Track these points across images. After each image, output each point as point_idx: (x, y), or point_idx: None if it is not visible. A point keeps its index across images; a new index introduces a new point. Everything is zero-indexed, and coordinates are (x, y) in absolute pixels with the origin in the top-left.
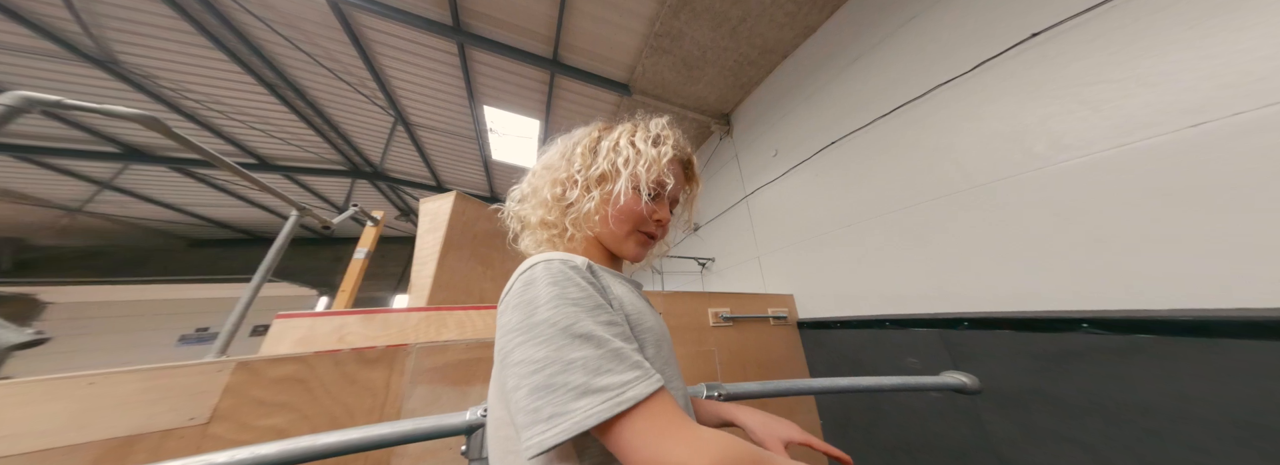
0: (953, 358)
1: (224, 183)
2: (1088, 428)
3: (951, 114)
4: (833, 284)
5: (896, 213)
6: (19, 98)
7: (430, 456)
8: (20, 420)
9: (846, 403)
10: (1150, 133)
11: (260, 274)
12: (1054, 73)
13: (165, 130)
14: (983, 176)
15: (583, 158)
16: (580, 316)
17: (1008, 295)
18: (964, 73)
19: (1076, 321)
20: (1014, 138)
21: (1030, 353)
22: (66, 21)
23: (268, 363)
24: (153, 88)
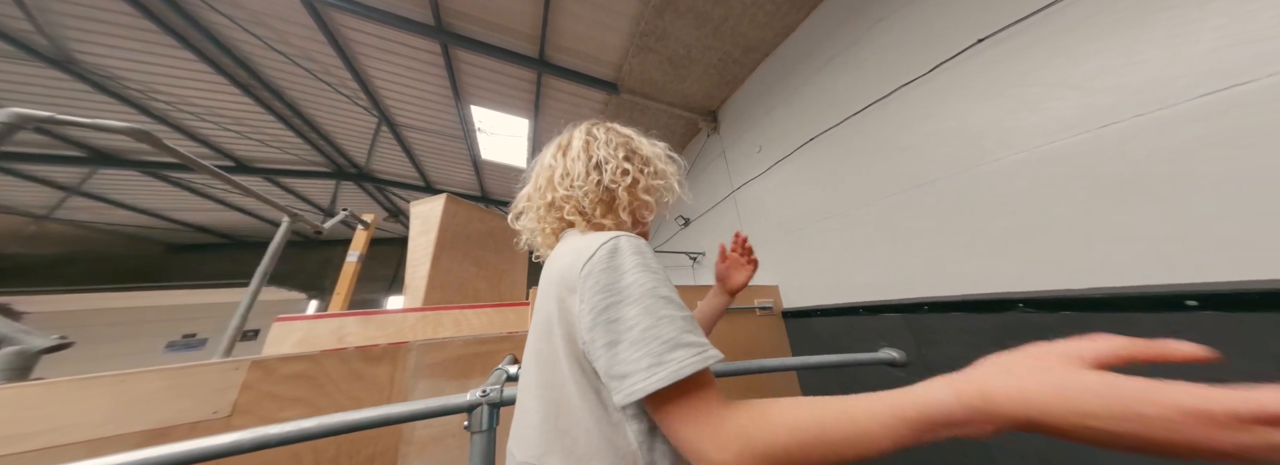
0: (916, 340)
1: (201, 186)
2: None
3: (913, 113)
4: (815, 274)
5: (869, 206)
6: (13, 115)
7: (434, 444)
8: (66, 414)
9: (828, 387)
10: (1074, 131)
11: (257, 279)
12: (999, 75)
13: (157, 143)
14: (940, 171)
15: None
16: (661, 282)
17: (961, 280)
18: (923, 74)
19: (1014, 302)
20: (967, 135)
21: (979, 332)
22: (16, 18)
23: (279, 361)
24: (117, 89)
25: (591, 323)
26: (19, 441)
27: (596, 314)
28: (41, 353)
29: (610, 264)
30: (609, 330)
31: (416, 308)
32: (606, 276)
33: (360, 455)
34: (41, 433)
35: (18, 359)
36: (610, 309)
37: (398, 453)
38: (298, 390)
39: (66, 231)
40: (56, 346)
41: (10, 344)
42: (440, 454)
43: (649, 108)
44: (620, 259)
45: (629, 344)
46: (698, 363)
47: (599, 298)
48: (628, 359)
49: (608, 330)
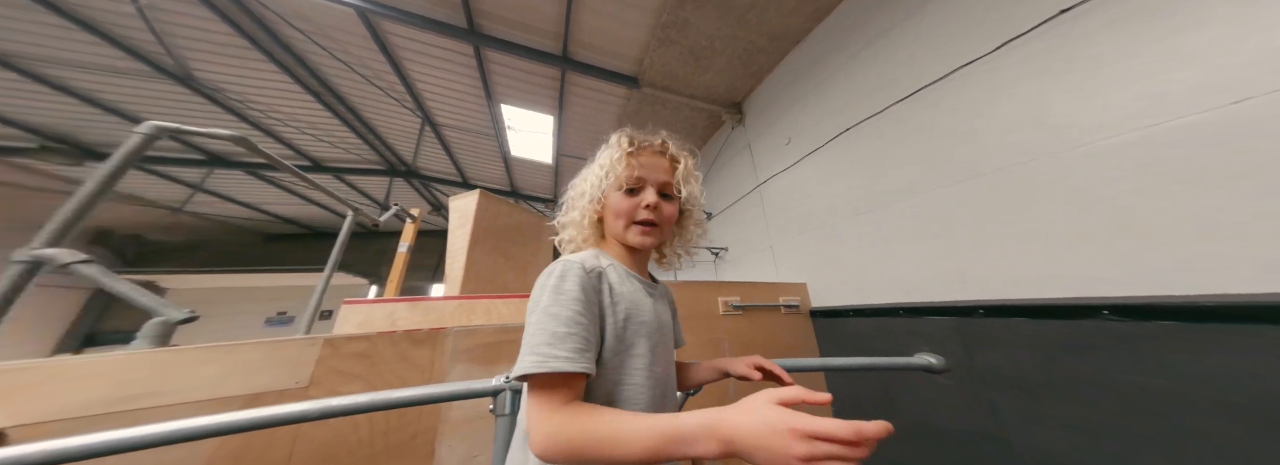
0: (966, 346)
1: (287, 184)
2: (1108, 416)
3: (973, 97)
4: (847, 272)
5: (913, 199)
6: (153, 127)
7: (466, 425)
8: (191, 376)
9: (857, 390)
10: (1185, 111)
11: (331, 264)
12: (1083, 50)
13: (251, 147)
14: (1004, 160)
15: (579, 186)
16: (558, 302)
17: (1025, 282)
18: (986, 54)
19: (1097, 308)
20: (1038, 120)
21: (1049, 340)
22: (150, 42)
23: (344, 340)
24: (223, 100)
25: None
26: (158, 397)
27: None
28: (178, 323)
29: (539, 282)
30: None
31: (454, 296)
32: (533, 293)
33: (406, 430)
34: (175, 391)
35: (161, 328)
36: (528, 314)
37: (436, 431)
38: (357, 367)
39: (194, 222)
40: (188, 319)
41: (155, 315)
42: (471, 434)
43: (670, 101)
44: (543, 280)
45: (523, 343)
46: (533, 367)
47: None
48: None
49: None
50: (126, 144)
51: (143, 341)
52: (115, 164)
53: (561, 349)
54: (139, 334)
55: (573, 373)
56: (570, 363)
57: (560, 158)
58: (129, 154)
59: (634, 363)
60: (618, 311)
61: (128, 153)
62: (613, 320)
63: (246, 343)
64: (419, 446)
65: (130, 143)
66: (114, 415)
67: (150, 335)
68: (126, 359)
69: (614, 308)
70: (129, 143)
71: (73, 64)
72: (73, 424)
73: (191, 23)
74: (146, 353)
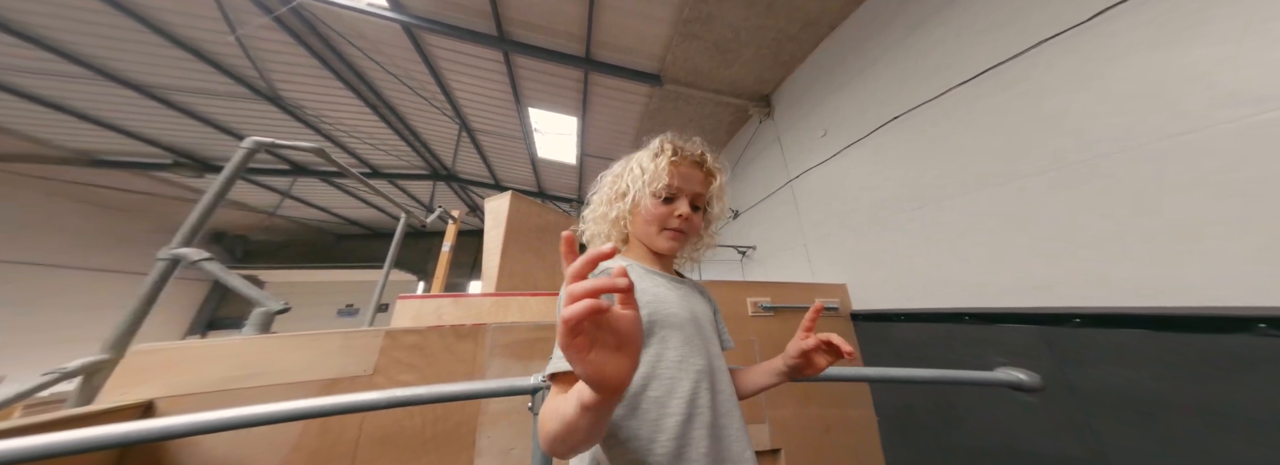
0: (1057, 359)
1: (351, 189)
2: (1257, 449)
3: (1060, 75)
4: (896, 272)
5: (985, 191)
6: (254, 142)
7: (504, 418)
8: (286, 360)
9: (910, 400)
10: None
11: (389, 263)
12: (1214, 9)
13: (326, 157)
14: (1107, 146)
15: (612, 184)
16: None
17: (1139, 288)
18: (1078, 24)
19: (1249, 321)
20: (1153, 96)
21: (1176, 357)
22: (247, 68)
23: (402, 332)
24: (303, 116)
25: None
26: (263, 377)
27: None
28: (276, 313)
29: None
30: None
31: (491, 293)
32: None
33: (451, 420)
34: (273, 372)
35: (264, 317)
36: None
37: (477, 422)
38: (412, 357)
39: (284, 224)
40: (283, 309)
41: (260, 306)
42: (508, 427)
43: (693, 97)
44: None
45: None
46: (550, 367)
47: None
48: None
49: None
50: (235, 157)
51: (250, 329)
52: (227, 174)
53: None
54: (247, 322)
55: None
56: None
57: (583, 158)
58: (237, 166)
59: (668, 355)
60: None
61: (236, 165)
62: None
63: (326, 333)
64: (462, 435)
65: (237, 156)
66: (231, 391)
67: (256, 323)
68: (241, 343)
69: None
70: (237, 156)
71: (192, 90)
72: (204, 398)
73: (275, 48)
74: (254, 339)
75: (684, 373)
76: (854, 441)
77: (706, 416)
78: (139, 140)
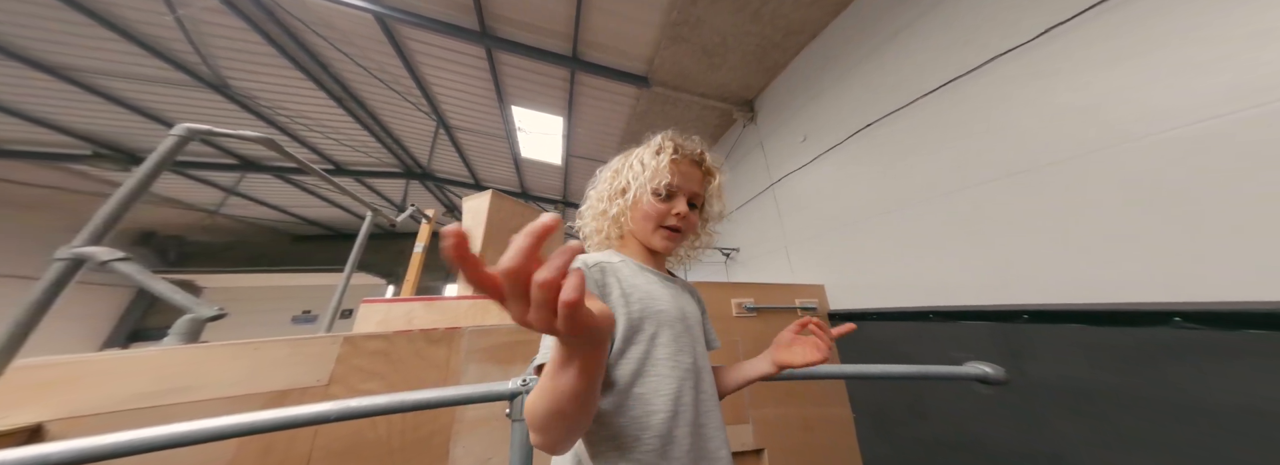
0: (1009, 353)
1: (311, 186)
2: (1177, 433)
3: (1013, 88)
4: (869, 273)
5: (945, 197)
6: (185, 129)
7: (482, 425)
8: (221, 372)
9: (883, 397)
10: (1266, 98)
11: (351, 264)
12: (1144, 32)
13: (278, 149)
14: (1050, 155)
15: (611, 180)
16: None
17: (1078, 285)
18: (1028, 41)
19: (1167, 315)
20: (1090, 110)
21: (1111, 349)
22: (189, 53)
23: (364, 338)
24: (255, 107)
25: None
26: (191, 392)
27: None
28: (207, 320)
29: None
30: None
31: (469, 295)
32: None
33: (423, 429)
34: (204, 386)
35: (191, 325)
36: None
37: (452, 431)
38: (376, 365)
39: (230, 224)
40: (216, 316)
41: (187, 312)
42: (486, 434)
43: (680, 100)
44: None
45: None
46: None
47: None
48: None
49: None
50: (161, 147)
51: (175, 338)
52: (151, 166)
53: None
54: (171, 330)
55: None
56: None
57: (570, 159)
58: (164, 156)
59: (657, 352)
60: (631, 302)
61: (162, 155)
62: (626, 312)
63: (272, 340)
64: (435, 446)
65: (166, 145)
66: (149, 410)
67: (182, 332)
68: (161, 355)
69: (627, 299)
70: (164, 145)
71: (120, 75)
72: (110, 418)
73: (225, 33)
74: (177, 349)
75: (672, 370)
76: (833, 439)
77: (690, 415)
78: (49, 128)
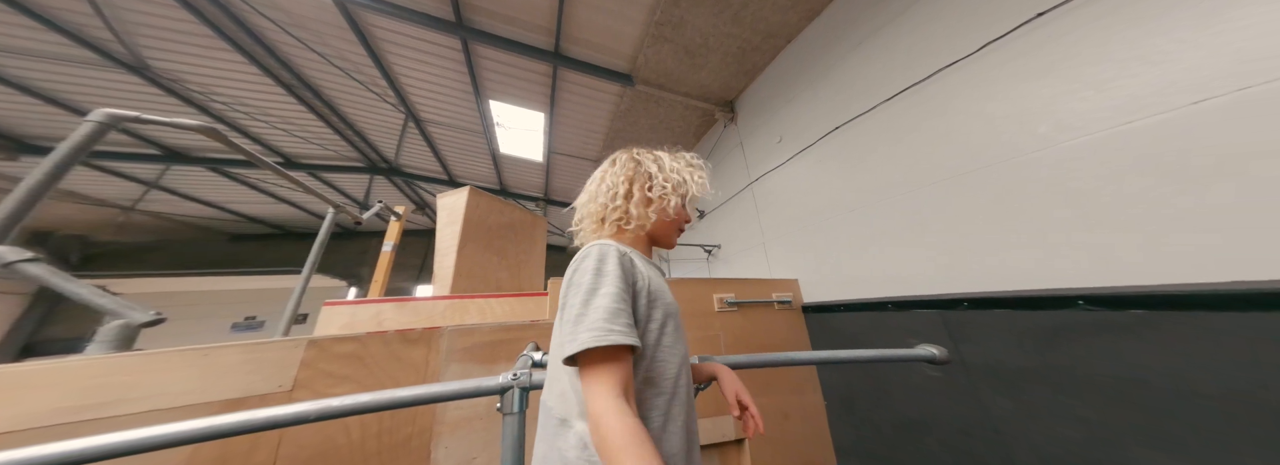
0: (952, 338)
1: (256, 181)
2: (1086, 403)
3: (955, 97)
4: (836, 268)
5: (900, 197)
6: (107, 115)
7: (465, 425)
8: (164, 382)
9: (851, 383)
10: (1150, 111)
11: (308, 267)
12: (1059, 53)
13: (224, 139)
14: (985, 159)
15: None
16: (604, 281)
17: (1006, 275)
18: (968, 55)
19: (1072, 299)
20: (1019, 119)
21: (1028, 331)
22: (99, 28)
23: (332, 341)
24: (183, 92)
25: (561, 305)
26: (122, 405)
27: (563, 299)
28: (142, 326)
29: (579, 265)
30: (564, 312)
31: (445, 295)
32: (575, 275)
33: (401, 433)
34: (140, 398)
35: (123, 331)
36: (567, 296)
37: (433, 433)
38: (347, 368)
39: (150, 222)
40: (154, 321)
41: (116, 318)
42: (469, 434)
43: (664, 99)
44: (586, 262)
45: (567, 322)
46: (594, 340)
47: (566, 288)
48: (564, 332)
49: (563, 311)
50: (75, 134)
51: (100, 346)
52: (62, 156)
53: (617, 324)
54: (95, 338)
55: (625, 346)
56: (624, 336)
57: (551, 156)
58: (78, 145)
59: (665, 340)
60: (649, 292)
61: (77, 144)
62: (644, 300)
63: (222, 345)
64: (414, 449)
65: (80, 133)
66: (77, 426)
67: (110, 339)
68: (81, 365)
69: (643, 289)
70: (78, 133)
71: (7, 50)
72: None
73: (146, 8)
74: (109, 358)
75: (674, 356)
76: (807, 427)
77: (684, 395)
78: None
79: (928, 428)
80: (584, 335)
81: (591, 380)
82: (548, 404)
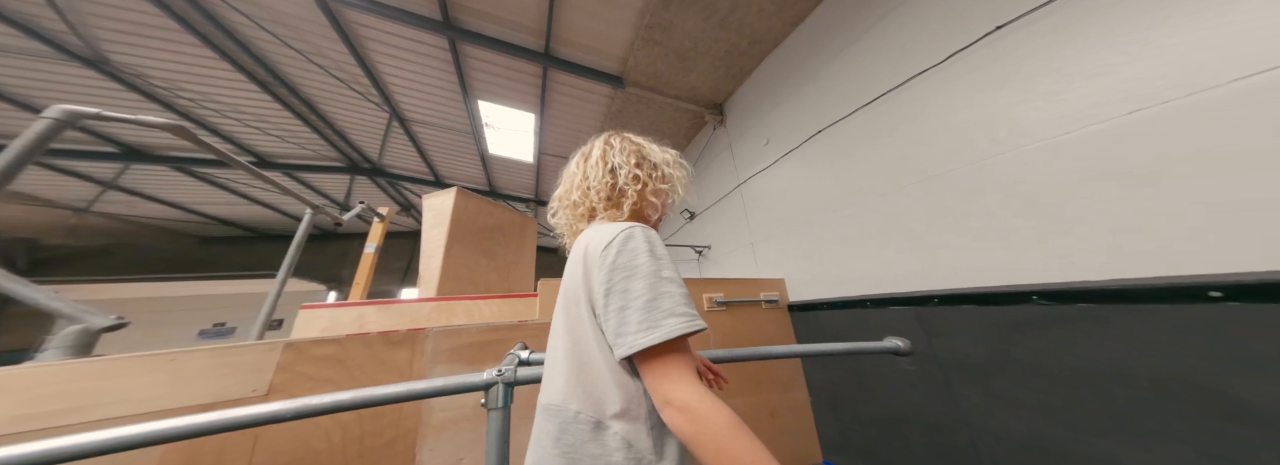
0: (926, 333)
1: (225, 181)
2: (1041, 391)
3: (926, 104)
4: (821, 267)
5: (877, 198)
6: (65, 111)
7: (451, 427)
8: (127, 388)
9: (835, 381)
10: (1092, 120)
11: (284, 270)
12: (1016, 64)
13: (193, 138)
14: (952, 163)
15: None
16: (664, 266)
17: (972, 273)
18: (936, 64)
19: (1028, 294)
20: (981, 125)
21: (991, 325)
22: (53, 20)
23: (311, 343)
24: (145, 87)
25: (606, 292)
26: (82, 412)
27: (610, 285)
28: (102, 331)
29: (625, 247)
30: (620, 299)
31: (431, 298)
32: (622, 257)
33: (383, 435)
34: (105, 405)
35: (82, 336)
36: (622, 282)
37: (417, 435)
38: (327, 371)
39: (106, 224)
40: (114, 326)
41: (74, 322)
42: (455, 435)
43: (655, 101)
44: (634, 244)
45: (634, 310)
46: (684, 327)
47: (615, 273)
48: (631, 321)
49: (620, 298)
50: (29, 132)
51: (57, 352)
52: (15, 155)
53: (693, 309)
54: (51, 344)
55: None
56: (702, 321)
57: (542, 157)
58: (32, 144)
59: None
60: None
61: (30, 142)
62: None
63: (190, 350)
64: (398, 452)
65: (34, 130)
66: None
67: (68, 345)
68: (36, 372)
69: None
70: (32, 130)
71: None
72: None
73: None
74: (63, 365)
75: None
76: (794, 423)
77: None
78: None
79: (906, 421)
80: (671, 322)
81: (670, 369)
82: (567, 408)
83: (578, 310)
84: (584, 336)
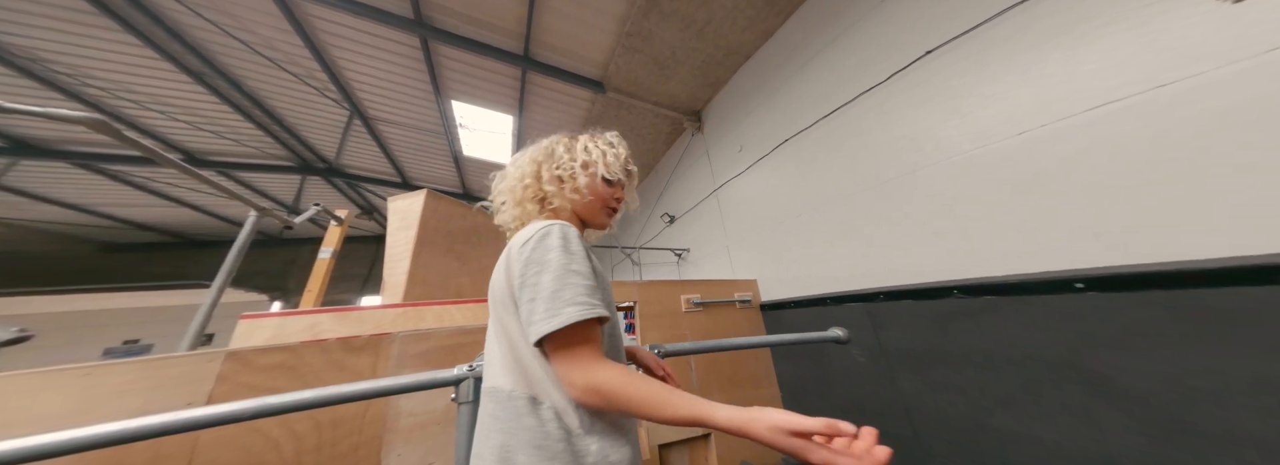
0: (874, 326)
1: (144, 180)
2: (964, 376)
3: (872, 117)
4: (788, 268)
5: (834, 204)
6: None
7: (420, 430)
8: (32, 405)
9: (800, 375)
10: (995, 138)
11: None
12: (940, 85)
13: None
14: (892, 172)
15: (566, 154)
16: (574, 260)
17: (909, 271)
18: (881, 82)
19: (949, 289)
20: (913, 140)
21: (923, 317)
22: None
23: (257, 352)
24: (44, 73)
25: (521, 285)
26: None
27: (525, 279)
28: (2, 345)
29: (541, 244)
30: (531, 291)
31: (397, 304)
32: (536, 253)
33: (344, 443)
34: (11, 424)
35: None
36: (534, 276)
37: (382, 442)
38: (277, 381)
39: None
40: (16, 339)
41: None
42: (424, 440)
43: (635, 107)
44: (549, 241)
45: (541, 300)
46: (581, 314)
47: (528, 267)
48: (537, 311)
49: (531, 291)
50: None
51: None
52: None
53: (596, 299)
54: None
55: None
56: (605, 310)
57: None
58: None
59: (615, 318)
60: (598, 276)
61: None
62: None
63: (112, 363)
64: (361, 459)
65: None
66: None
67: None
68: None
69: (598, 272)
70: None
71: None
72: None
73: None
74: None
75: (619, 341)
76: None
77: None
78: None
79: (860, 410)
80: (569, 310)
81: (577, 352)
82: (503, 388)
83: (504, 302)
84: (510, 326)
